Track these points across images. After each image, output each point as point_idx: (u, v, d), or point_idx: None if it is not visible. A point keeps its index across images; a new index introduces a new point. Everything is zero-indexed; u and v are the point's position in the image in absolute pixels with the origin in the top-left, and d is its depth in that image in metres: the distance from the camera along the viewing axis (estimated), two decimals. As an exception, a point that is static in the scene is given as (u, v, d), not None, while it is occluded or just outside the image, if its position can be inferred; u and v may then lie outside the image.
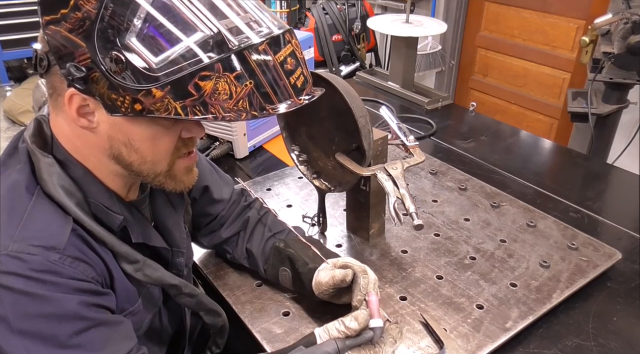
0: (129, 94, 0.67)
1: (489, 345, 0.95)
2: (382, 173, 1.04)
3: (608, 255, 1.18)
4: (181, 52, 0.65)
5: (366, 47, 3.74)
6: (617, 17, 1.83)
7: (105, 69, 0.66)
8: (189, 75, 0.65)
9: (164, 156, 0.78)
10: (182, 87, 0.66)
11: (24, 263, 0.67)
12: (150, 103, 0.67)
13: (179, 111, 0.67)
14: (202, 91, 0.66)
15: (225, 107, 0.68)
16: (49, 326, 0.67)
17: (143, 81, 0.66)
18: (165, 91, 0.66)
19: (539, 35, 3.18)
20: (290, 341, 0.96)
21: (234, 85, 0.67)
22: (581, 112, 1.99)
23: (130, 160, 0.76)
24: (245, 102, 0.68)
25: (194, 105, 0.67)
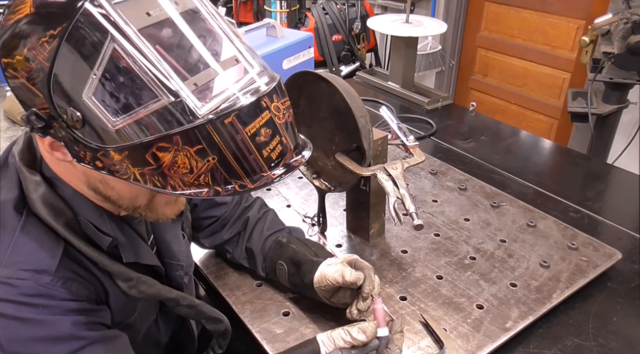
0: (89, 152, 0.64)
1: (489, 345, 0.95)
2: (382, 173, 1.04)
3: (608, 255, 1.18)
4: (138, 118, 0.60)
5: (366, 47, 3.74)
6: (617, 17, 1.83)
7: (65, 123, 0.62)
8: (147, 144, 0.60)
9: (141, 194, 0.74)
10: (140, 155, 0.61)
11: (14, 289, 0.65)
12: (109, 164, 0.63)
13: (137, 178, 0.63)
14: (161, 161, 0.61)
15: (185, 181, 0.63)
16: (43, 348, 0.67)
17: (101, 141, 0.62)
18: (123, 156, 0.62)
19: (539, 35, 3.18)
20: (291, 341, 0.96)
21: (195, 159, 0.61)
22: (581, 112, 1.99)
23: (109, 195, 0.74)
24: (208, 177, 0.63)
25: (152, 174, 0.62)
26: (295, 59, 1.76)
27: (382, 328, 0.85)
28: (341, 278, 0.91)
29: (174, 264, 0.93)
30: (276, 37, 1.74)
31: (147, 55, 0.59)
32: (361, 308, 0.91)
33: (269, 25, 1.75)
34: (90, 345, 0.71)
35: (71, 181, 0.74)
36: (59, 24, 0.58)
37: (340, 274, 0.92)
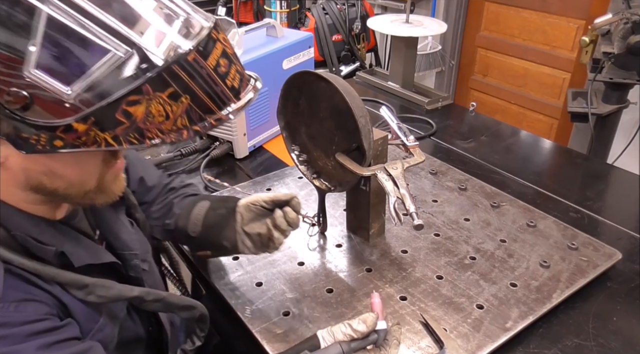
0: (44, 133, 0.58)
1: (489, 345, 0.95)
2: (382, 173, 1.04)
3: (608, 255, 1.18)
4: (97, 77, 0.57)
5: (366, 47, 3.74)
6: (617, 17, 1.83)
7: (6, 107, 0.56)
8: (114, 102, 0.58)
9: (92, 174, 0.72)
10: (109, 117, 0.58)
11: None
12: (73, 138, 0.59)
13: (110, 142, 0.60)
14: (134, 117, 0.59)
15: (163, 129, 0.61)
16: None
17: (58, 116, 0.57)
18: (89, 123, 0.58)
19: (539, 35, 3.18)
20: (291, 341, 0.96)
21: (169, 104, 0.60)
22: (581, 112, 1.99)
23: (54, 187, 0.69)
24: (184, 119, 0.63)
25: (127, 133, 0.60)
26: (295, 59, 1.76)
27: (380, 321, 0.86)
28: (273, 194, 0.98)
29: (127, 255, 0.88)
30: (276, 37, 1.74)
31: (88, 11, 0.56)
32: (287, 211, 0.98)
33: (269, 25, 1.75)
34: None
35: (3, 194, 0.69)
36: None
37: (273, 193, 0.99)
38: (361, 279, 1.12)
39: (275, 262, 1.17)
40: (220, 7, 3.95)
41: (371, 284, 1.10)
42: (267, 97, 1.68)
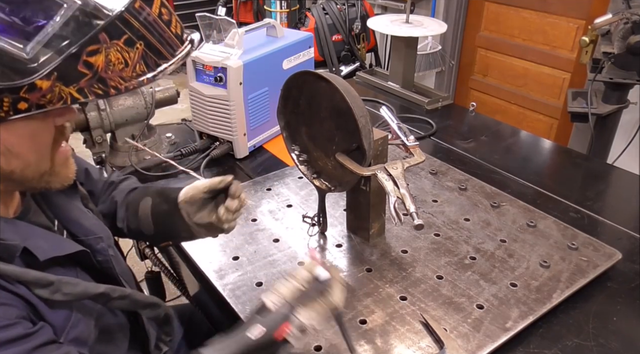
0: (6, 95, 0.58)
1: (489, 345, 0.95)
2: (382, 173, 1.04)
3: (608, 255, 1.18)
4: (54, 31, 0.58)
5: (366, 47, 3.74)
6: (617, 17, 1.83)
7: None
8: (74, 54, 0.59)
9: (45, 151, 0.71)
10: (71, 69, 0.60)
11: None
12: (37, 98, 0.59)
13: (75, 96, 0.61)
14: (95, 66, 0.61)
15: (124, 76, 0.64)
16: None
17: (19, 76, 0.57)
18: (53, 79, 0.59)
19: (539, 35, 3.18)
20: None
21: (126, 51, 0.63)
22: (581, 112, 1.99)
23: (11, 168, 0.68)
24: (142, 65, 0.66)
25: (90, 84, 0.62)
26: (295, 59, 1.76)
27: (320, 268, 0.85)
28: (209, 181, 0.95)
29: (92, 239, 0.85)
30: (276, 37, 1.74)
31: None
32: (229, 205, 0.95)
33: (269, 25, 1.75)
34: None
35: None
36: None
37: (209, 180, 0.96)
38: (361, 279, 1.12)
39: (275, 263, 1.17)
40: (220, 7, 3.96)
41: (371, 284, 1.10)
42: (267, 97, 1.68)
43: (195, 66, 1.60)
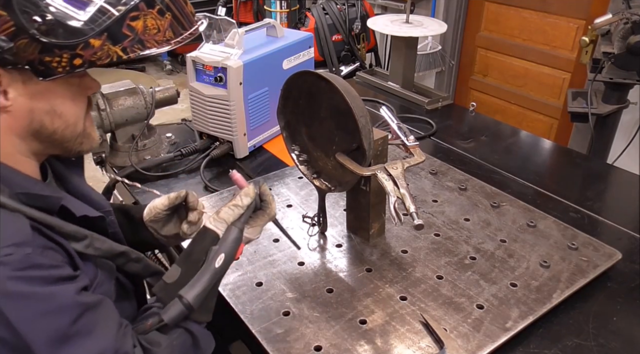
0: (66, 52, 0.69)
1: (489, 345, 0.95)
2: (382, 173, 1.04)
3: (608, 255, 1.18)
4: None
5: (366, 47, 3.74)
6: (617, 17, 1.83)
7: (35, 32, 0.67)
8: (121, 18, 0.72)
9: (80, 114, 0.81)
10: (118, 31, 0.73)
11: (6, 266, 0.65)
12: (90, 55, 0.71)
13: (120, 54, 0.74)
14: (135, 29, 0.74)
15: (157, 39, 0.77)
16: (48, 322, 0.67)
17: (78, 35, 0.69)
18: (103, 39, 0.71)
19: (539, 35, 3.18)
20: (291, 341, 0.96)
21: (158, 19, 0.77)
22: (581, 112, 1.99)
23: (54, 127, 0.78)
24: (170, 31, 0.79)
25: (132, 45, 0.75)
26: (295, 59, 1.76)
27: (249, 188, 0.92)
28: (166, 199, 1.02)
29: (103, 212, 0.91)
30: (276, 37, 1.74)
31: None
32: (192, 219, 1.03)
33: (269, 25, 1.75)
34: (87, 311, 0.72)
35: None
36: None
37: (166, 197, 1.02)
38: (361, 279, 1.12)
39: (275, 262, 1.17)
40: (220, 7, 3.96)
41: (371, 284, 1.10)
42: (267, 97, 1.68)
43: (195, 66, 1.60)
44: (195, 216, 1.04)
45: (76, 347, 0.69)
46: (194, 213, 1.03)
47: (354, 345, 0.96)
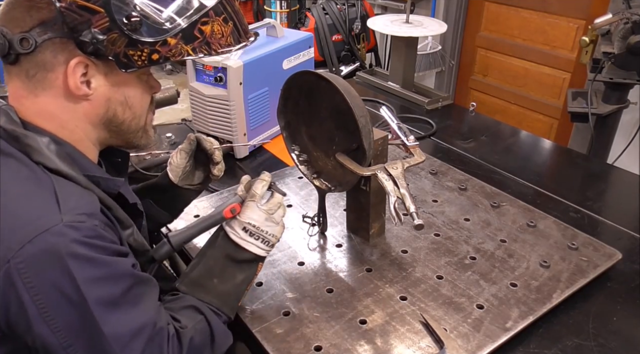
0: (147, 47, 0.79)
1: (489, 345, 0.95)
2: (382, 173, 1.04)
3: (608, 255, 1.18)
4: (184, 5, 0.82)
5: (366, 47, 3.74)
6: (617, 17, 1.83)
7: (125, 28, 0.77)
8: (194, 22, 0.82)
9: (145, 109, 0.91)
10: (190, 33, 0.82)
11: (78, 231, 0.71)
12: (166, 51, 0.81)
13: (190, 52, 0.83)
14: (205, 33, 0.84)
15: (221, 43, 0.87)
16: (107, 287, 0.74)
17: (160, 33, 0.80)
18: (178, 38, 0.81)
19: (539, 35, 3.18)
20: (291, 341, 0.96)
21: (223, 26, 0.87)
22: (581, 112, 1.99)
23: (124, 118, 0.87)
24: (231, 38, 0.89)
25: (200, 46, 0.84)
26: (295, 59, 1.76)
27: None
28: (182, 153, 1.12)
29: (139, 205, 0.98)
30: (276, 37, 1.74)
31: None
32: (217, 159, 1.13)
33: (269, 25, 1.75)
34: (137, 284, 0.78)
35: (71, 133, 0.83)
36: None
37: (180, 151, 1.13)
38: (361, 279, 1.12)
39: (275, 262, 1.17)
40: (220, 7, 3.94)
41: (371, 284, 1.10)
42: (267, 97, 1.68)
43: (195, 66, 1.60)
44: (218, 155, 1.13)
45: (124, 314, 0.75)
46: (216, 153, 1.13)
47: (354, 345, 0.96)
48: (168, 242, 0.94)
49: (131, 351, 0.75)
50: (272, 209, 0.96)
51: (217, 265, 0.94)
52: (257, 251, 0.95)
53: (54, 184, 0.75)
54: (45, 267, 0.69)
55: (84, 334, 0.72)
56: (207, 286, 0.93)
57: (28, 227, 0.70)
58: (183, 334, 0.84)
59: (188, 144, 1.13)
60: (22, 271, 0.68)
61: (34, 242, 0.69)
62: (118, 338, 0.73)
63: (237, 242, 0.93)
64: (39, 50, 0.76)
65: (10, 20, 0.76)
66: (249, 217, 0.94)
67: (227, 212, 0.94)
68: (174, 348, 0.81)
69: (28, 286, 0.69)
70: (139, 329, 0.76)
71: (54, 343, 0.71)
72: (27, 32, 0.75)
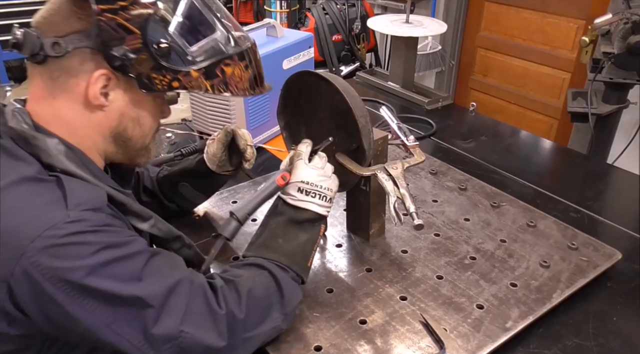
0: (170, 74, 0.83)
1: (489, 345, 0.95)
2: (382, 173, 1.04)
3: (608, 255, 1.18)
4: (212, 44, 0.87)
5: (366, 47, 3.74)
6: (617, 17, 1.83)
7: (155, 53, 0.81)
8: (218, 61, 0.87)
9: (153, 130, 0.95)
10: (212, 71, 0.87)
11: (86, 222, 0.74)
12: (186, 82, 0.85)
13: (208, 88, 0.87)
14: (225, 74, 0.88)
15: (238, 86, 0.91)
16: (125, 266, 0.76)
17: (185, 64, 0.84)
18: (200, 73, 0.85)
19: (539, 35, 3.18)
20: (291, 341, 0.96)
21: (243, 71, 0.91)
22: (581, 112, 1.99)
23: (132, 134, 0.90)
24: (247, 84, 0.93)
25: (219, 84, 0.88)
26: (295, 59, 1.76)
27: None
28: (219, 143, 1.19)
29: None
30: (276, 37, 1.74)
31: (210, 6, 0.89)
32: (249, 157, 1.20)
33: (269, 25, 1.75)
34: (151, 258, 0.81)
35: (81, 140, 0.85)
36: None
37: (217, 142, 1.20)
38: (361, 279, 1.12)
39: (275, 262, 1.17)
40: (220, 7, 3.94)
41: (371, 284, 1.10)
42: (267, 97, 1.68)
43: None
44: (250, 153, 1.20)
45: (151, 280, 0.78)
46: (248, 150, 1.20)
47: (354, 345, 0.96)
48: (235, 219, 0.97)
49: (174, 308, 0.78)
50: (321, 164, 1.01)
51: (280, 228, 0.97)
52: (316, 209, 0.98)
53: (62, 182, 0.77)
54: (57, 257, 0.71)
55: (121, 306, 0.75)
56: (273, 246, 0.96)
57: (36, 223, 0.72)
58: (239, 283, 0.87)
59: (224, 135, 1.20)
60: (37, 264, 0.71)
61: (43, 237, 0.71)
62: (154, 298, 0.77)
63: (295, 204, 0.97)
64: (68, 56, 0.79)
65: (47, 24, 0.80)
66: (301, 176, 0.98)
67: (279, 179, 0.99)
68: (226, 297, 0.84)
69: (47, 277, 0.71)
70: (174, 286, 0.79)
71: (96, 324, 0.74)
72: (61, 37, 0.79)
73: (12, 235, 0.72)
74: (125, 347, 0.76)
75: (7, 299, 0.73)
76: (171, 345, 0.77)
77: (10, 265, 0.71)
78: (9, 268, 0.71)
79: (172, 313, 0.78)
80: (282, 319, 0.91)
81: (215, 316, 0.82)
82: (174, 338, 0.77)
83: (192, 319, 0.79)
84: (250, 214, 0.99)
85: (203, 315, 0.81)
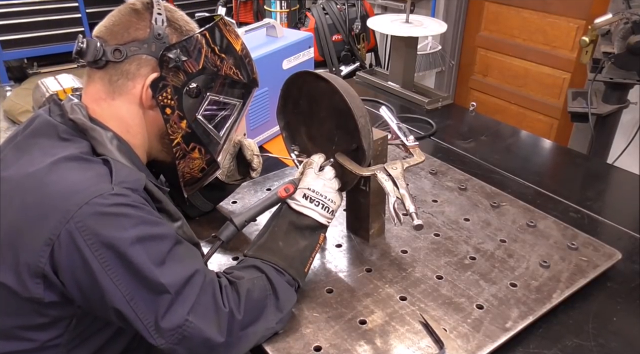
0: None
1: (489, 345, 0.95)
2: (382, 173, 1.04)
3: (608, 255, 1.18)
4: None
5: (366, 47, 3.73)
6: (617, 17, 1.83)
7: (186, 92, 0.93)
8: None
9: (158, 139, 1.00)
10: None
11: (127, 197, 0.81)
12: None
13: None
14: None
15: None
16: (156, 245, 0.82)
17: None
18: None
19: (539, 35, 3.18)
20: (290, 341, 0.96)
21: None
22: (581, 112, 1.99)
23: (139, 142, 0.95)
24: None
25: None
26: (295, 59, 1.76)
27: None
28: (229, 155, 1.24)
29: None
30: (276, 37, 1.74)
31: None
32: (255, 167, 1.26)
33: (269, 25, 1.75)
34: (180, 243, 0.87)
35: (133, 137, 0.93)
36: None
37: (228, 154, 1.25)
38: (361, 279, 1.12)
39: (275, 263, 1.17)
40: (220, 7, 3.95)
41: (371, 284, 1.10)
42: (267, 97, 1.68)
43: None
44: (256, 163, 1.25)
45: (174, 265, 0.83)
46: (255, 160, 1.25)
47: (354, 345, 0.95)
48: (232, 224, 1.03)
49: (186, 298, 0.82)
50: (329, 176, 1.05)
51: (281, 231, 1.01)
52: (318, 218, 1.01)
53: (109, 162, 0.85)
54: (101, 224, 0.77)
55: (143, 286, 0.80)
56: (273, 248, 1.00)
57: (85, 192, 0.78)
58: (239, 285, 0.91)
59: (232, 147, 1.25)
60: (82, 229, 0.76)
61: (90, 204, 0.77)
62: (173, 286, 0.81)
63: (298, 210, 1.01)
64: (126, 61, 0.89)
65: (109, 33, 0.90)
66: (308, 183, 1.03)
67: (281, 191, 1.03)
68: (228, 296, 0.88)
69: (89, 243, 0.77)
70: (191, 277, 0.84)
71: (118, 296, 0.79)
72: (122, 45, 0.88)
73: (62, 200, 0.78)
74: (137, 325, 0.81)
75: (48, 262, 0.77)
76: (175, 332, 0.82)
77: (57, 228, 0.76)
78: (56, 231, 0.76)
79: (184, 302, 0.82)
80: (276, 321, 0.94)
81: (219, 311, 0.86)
82: (179, 326, 0.82)
83: (199, 310, 0.83)
84: (248, 221, 1.05)
85: (209, 309, 0.85)
